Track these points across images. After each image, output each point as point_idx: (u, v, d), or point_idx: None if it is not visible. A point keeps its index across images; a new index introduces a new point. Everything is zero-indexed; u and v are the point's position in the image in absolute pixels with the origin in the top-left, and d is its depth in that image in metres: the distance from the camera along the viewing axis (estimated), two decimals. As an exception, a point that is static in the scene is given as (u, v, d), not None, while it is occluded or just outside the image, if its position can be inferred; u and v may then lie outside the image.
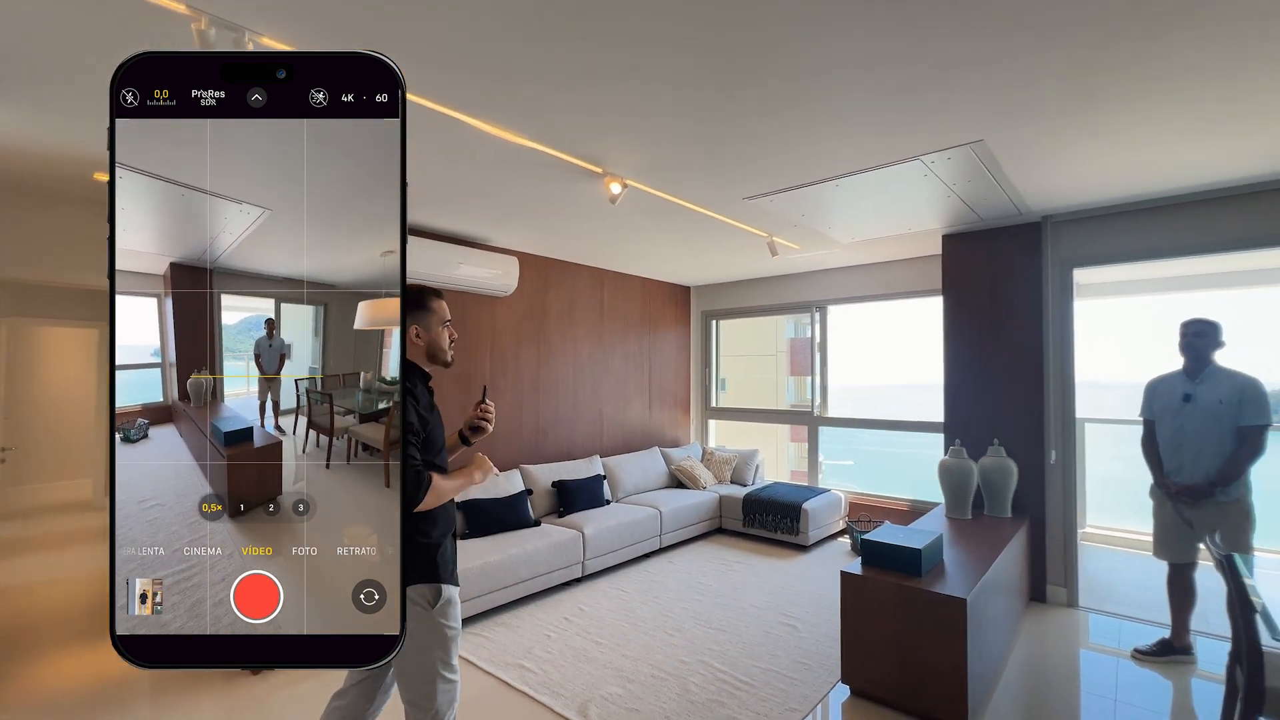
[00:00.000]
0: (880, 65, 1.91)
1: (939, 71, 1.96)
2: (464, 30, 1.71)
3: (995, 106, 2.21)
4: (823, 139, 2.50)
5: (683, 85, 2.03)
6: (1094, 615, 3.51)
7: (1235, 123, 2.37)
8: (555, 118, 2.29)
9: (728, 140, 2.50)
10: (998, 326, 3.87)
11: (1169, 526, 2.89)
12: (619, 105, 2.18)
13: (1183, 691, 2.71)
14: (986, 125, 2.37)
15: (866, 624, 2.56)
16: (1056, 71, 1.96)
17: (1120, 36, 1.76)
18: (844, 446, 11.45)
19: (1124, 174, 2.96)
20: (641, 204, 3.36)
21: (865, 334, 6.84)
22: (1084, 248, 3.63)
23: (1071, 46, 1.81)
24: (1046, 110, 2.24)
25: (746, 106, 2.20)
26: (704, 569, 4.27)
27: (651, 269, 5.48)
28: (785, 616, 3.42)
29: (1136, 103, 2.19)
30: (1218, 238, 3.22)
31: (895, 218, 3.69)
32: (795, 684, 2.67)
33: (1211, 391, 2.74)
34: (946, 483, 3.61)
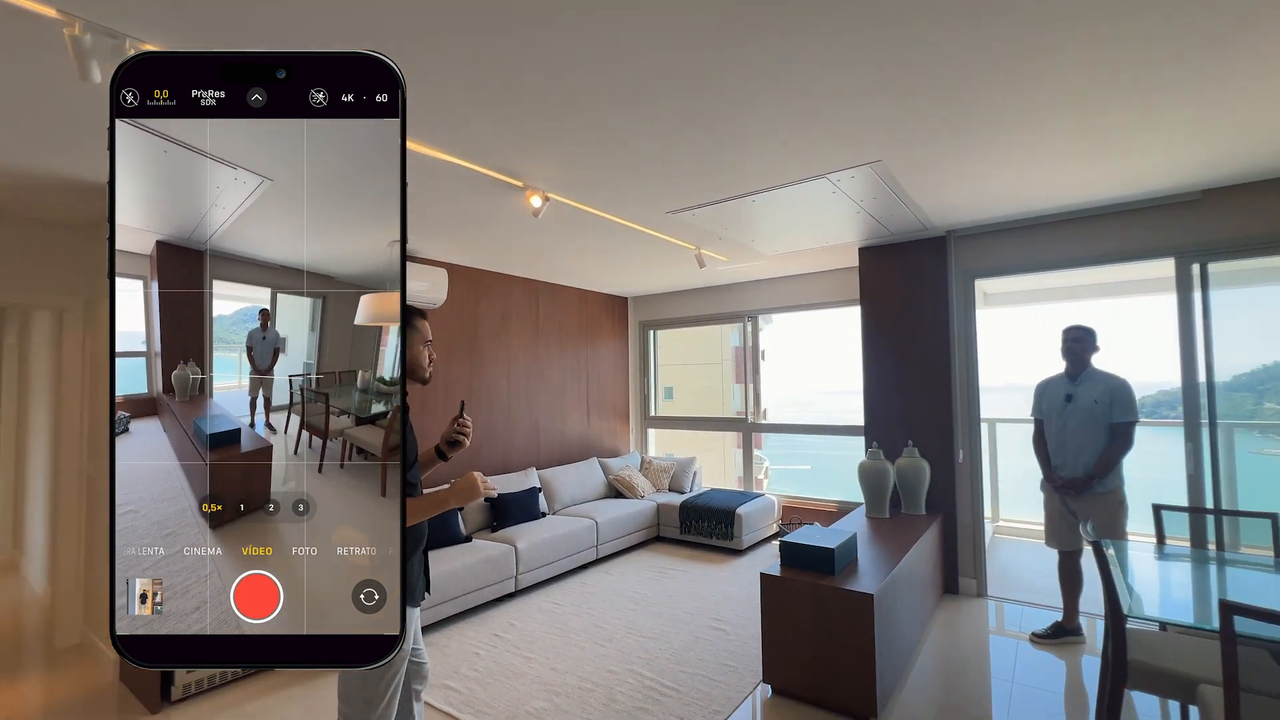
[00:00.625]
0: (783, 87, 2.02)
1: (837, 95, 2.09)
2: (376, 38, 1.70)
3: (888, 130, 2.37)
4: (736, 156, 2.61)
5: (600, 100, 2.08)
6: (1002, 604, 3.74)
7: (1093, 151, 2.63)
8: (475, 132, 2.30)
9: (647, 155, 2.57)
10: (910, 334, 4.10)
11: (1057, 517, 3.13)
12: (538, 119, 2.21)
13: (1074, 669, 2.94)
14: (883, 147, 2.54)
15: (784, 623, 2.65)
16: (937, 100, 2.13)
17: (992, 69, 1.93)
18: (799, 452, 11.77)
19: (1011, 193, 3.22)
20: (567, 217, 3.39)
21: (804, 342, 7.10)
22: (983, 260, 3.91)
23: (948, 77, 1.97)
24: (931, 135, 2.42)
25: (661, 123, 2.27)
26: (640, 578, 4.30)
27: (587, 280, 5.51)
28: (716, 621, 3.49)
29: (1011, 131, 2.40)
30: (1094, 252, 3.54)
31: (814, 231, 3.87)
32: (720, 686, 2.73)
33: (1088, 392, 3.00)
34: (865, 483, 3.79)
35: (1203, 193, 3.21)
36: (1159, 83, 2.04)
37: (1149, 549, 2.67)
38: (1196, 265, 3.26)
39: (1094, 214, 3.51)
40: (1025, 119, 2.29)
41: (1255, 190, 3.09)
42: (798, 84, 2.00)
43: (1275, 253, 3.09)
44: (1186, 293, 3.28)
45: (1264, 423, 5.77)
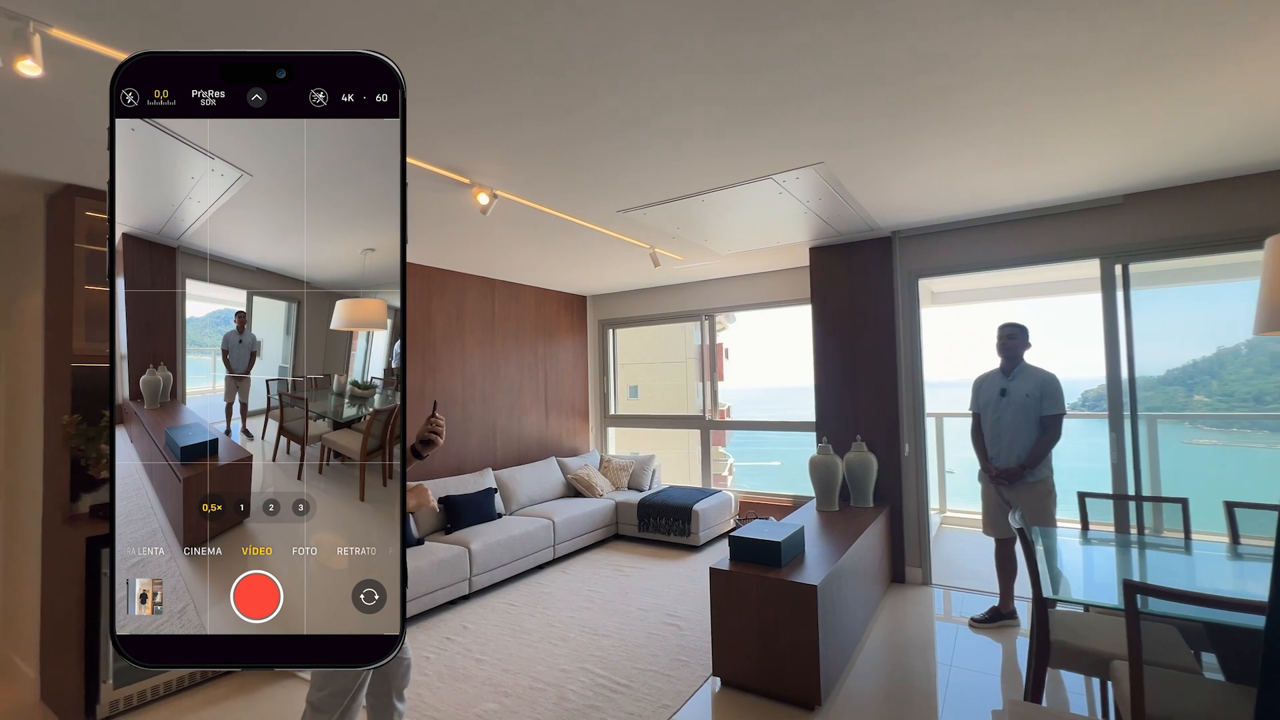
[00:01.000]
0: (724, 88, 2.05)
1: (776, 97, 2.13)
2: (319, 34, 1.65)
3: (829, 132, 2.44)
4: (683, 156, 2.63)
5: (546, 98, 2.07)
6: (946, 591, 3.89)
7: (1021, 157, 2.75)
8: (420, 127, 2.26)
9: (596, 153, 2.57)
10: (858, 332, 4.22)
11: (993, 506, 3.27)
12: (484, 116, 2.19)
13: (1009, 651, 3.07)
14: (824, 149, 2.60)
15: (732, 616, 2.69)
16: (874, 103, 2.20)
17: (929, 70, 2.00)
18: (768, 449, 11.92)
19: (951, 196, 3.34)
20: (518, 215, 3.36)
21: (767, 340, 7.17)
22: (926, 260, 4.04)
23: (884, 79, 2.03)
24: (870, 138, 2.50)
25: (606, 121, 2.27)
26: (596, 576, 4.30)
27: (544, 279, 5.48)
28: (670, 616, 3.52)
29: (944, 137, 2.49)
30: (1027, 252, 3.70)
31: (765, 231, 3.93)
32: (671, 681, 2.76)
33: (1021, 386, 3.15)
34: (816, 477, 3.88)
35: (1124, 197, 3.40)
36: (1083, 89, 2.15)
37: (1076, 534, 2.81)
38: (1119, 266, 3.45)
39: (1027, 216, 3.68)
40: (960, 122, 2.38)
41: (1174, 195, 3.28)
42: (738, 85, 2.03)
43: (1191, 254, 3.30)
44: (1110, 292, 3.47)
45: (1188, 414, 6.13)
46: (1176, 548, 2.57)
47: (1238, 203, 3.12)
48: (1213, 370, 10.17)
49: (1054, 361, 3.20)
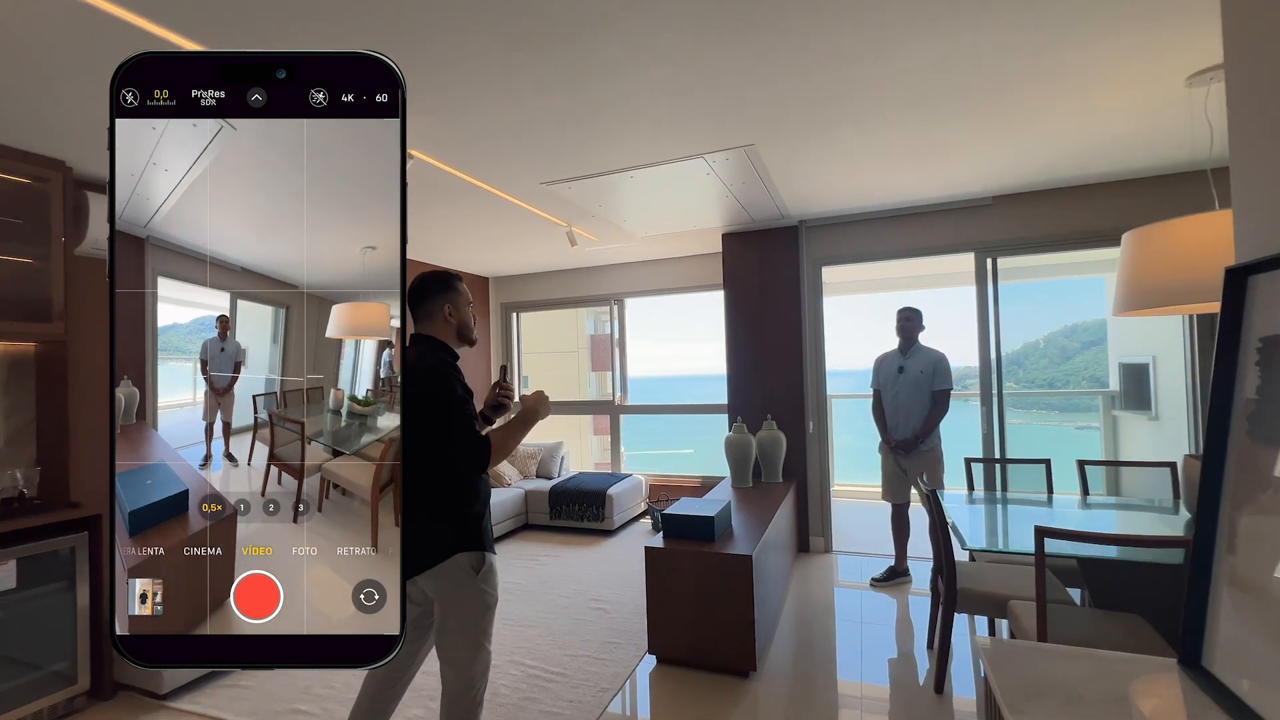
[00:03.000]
0: (656, 67, 2.02)
1: (710, 78, 2.14)
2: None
3: (760, 116, 2.49)
4: (615, 129, 2.56)
5: (481, 56, 1.90)
6: (845, 556, 4.21)
7: (918, 153, 3.01)
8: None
9: (527, 120, 2.42)
10: (768, 315, 4.41)
11: (891, 474, 3.59)
12: (418, 70, 1.97)
13: (903, 605, 3.39)
14: (754, 132, 2.66)
15: (667, 592, 2.70)
16: (804, 95, 2.29)
17: (857, 60, 2.09)
18: (668, 436, 12.12)
19: (855, 188, 3.58)
20: (434, 181, 3.09)
21: (665, 326, 7.28)
22: (829, 249, 4.32)
23: (813, 66, 2.11)
24: (798, 124, 2.59)
25: (544, 85, 2.14)
26: (511, 568, 4.13)
27: (447, 257, 5.12)
28: (594, 601, 3.46)
29: (867, 128, 2.65)
30: (918, 245, 4.08)
31: (683, 214, 3.97)
32: (606, 664, 2.71)
33: (916, 364, 3.47)
34: (731, 455, 4.01)
35: (993, 198, 3.85)
36: (977, 95, 2.39)
37: (959, 497, 3.16)
38: (989, 259, 3.92)
39: (917, 212, 4.05)
40: (877, 116, 2.54)
41: (1036, 198, 3.77)
42: (671, 62, 2.02)
43: (1047, 250, 3.82)
44: (983, 283, 3.92)
45: (1016, 393, 7.17)
46: (1041, 503, 2.97)
47: (1082, 207, 3.67)
48: (1019, 360, 12.15)
49: (931, 344, 3.56)
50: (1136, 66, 2.20)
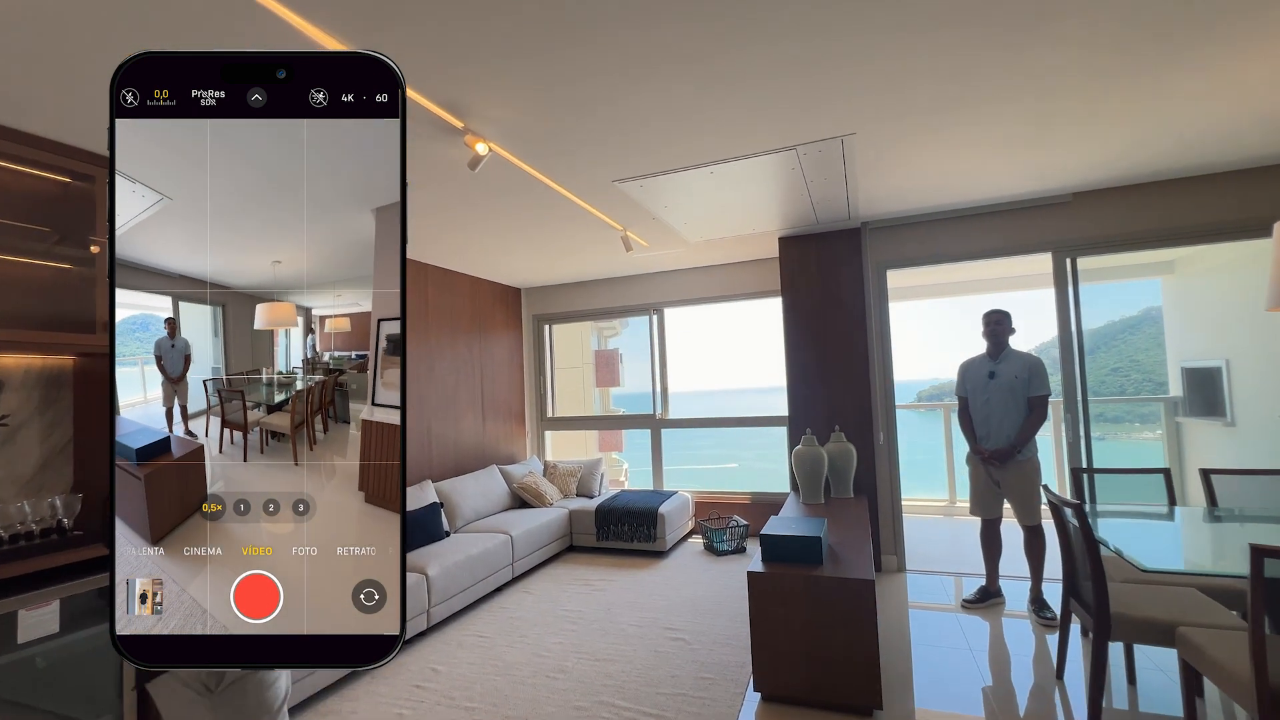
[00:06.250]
0: (788, 37, 1.83)
1: (836, 53, 1.96)
2: None
3: (871, 102, 2.31)
4: (711, 117, 2.38)
5: (561, 29, 1.72)
6: (917, 575, 3.96)
7: (1025, 140, 2.83)
8: (404, 46, 1.77)
9: (610, 110, 2.26)
10: (829, 322, 4.20)
11: (982, 487, 3.36)
12: (488, 47, 1.78)
13: (998, 627, 3.13)
14: (859, 120, 2.48)
15: (775, 622, 2.44)
16: (922, 73, 2.11)
17: (988, 44, 1.92)
18: (693, 452, 11.86)
19: (933, 185, 3.40)
20: (494, 179, 2.88)
21: (699, 340, 6.99)
22: (893, 252, 4.13)
23: (939, 48, 1.93)
24: (909, 109, 2.40)
25: (651, 62, 1.95)
26: (566, 593, 3.86)
27: (479, 266, 4.90)
28: (669, 630, 3.20)
29: (975, 113, 2.47)
30: (989, 246, 3.90)
31: (747, 215, 3.78)
32: (707, 704, 2.45)
33: (1009, 369, 3.26)
34: (801, 470, 3.77)
35: (1073, 195, 3.68)
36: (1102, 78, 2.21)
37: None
38: (1069, 259, 3.73)
39: (987, 211, 3.87)
40: (990, 101, 2.36)
41: (1120, 194, 3.60)
42: (794, 37, 1.84)
43: (1131, 249, 3.64)
44: (1062, 284, 3.73)
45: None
46: (1162, 515, 2.74)
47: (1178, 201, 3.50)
48: (1055, 368, 12.02)
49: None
50: None
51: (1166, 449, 5.28)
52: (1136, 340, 14.77)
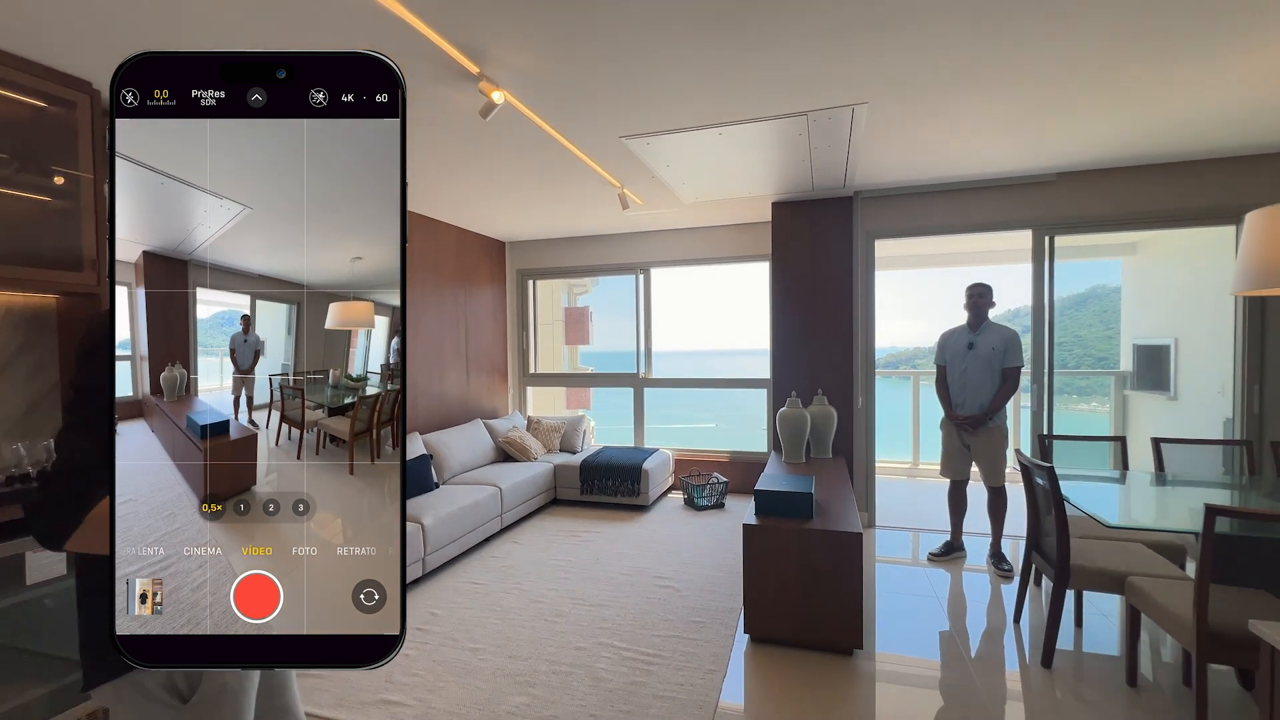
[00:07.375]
0: (796, 13, 1.83)
1: (848, 29, 1.97)
2: None
3: (890, 69, 2.33)
4: (727, 78, 2.36)
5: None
6: (885, 531, 4.23)
7: (1026, 121, 2.91)
8: None
9: (628, 65, 2.23)
10: (818, 288, 4.30)
11: (953, 450, 3.58)
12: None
13: (958, 579, 3.41)
14: (874, 89, 2.50)
15: (767, 571, 2.60)
16: (937, 45, 2.14)
17: (1003, 12, 1.96)
18: (665, 410, 11.98)
19: (928, 158, 3.47)
20: (498, 128, 2.81)
21: (682, 301, 7.00)
22: (883, 221, 4.22)
23: (966, 13, 1.96)
24: (931, 80, 2.44)
25: (702, 20, 1.92)
26: (554, 543, 3.98)
27: (465, 217, 4.78)
28: (659, 579, 3.35)
29: (993, 90, 2.53)
30: (974, 220, 4.03)
31: (745, 178, 3.79)
32: (700, 644, 2.61)
33: (987, 341, 3.43)
34: (785, 430, 3.93)
35: (1057, 175, 3.82)
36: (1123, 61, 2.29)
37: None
38: (1048, 237, 3.90)
39: (974, 187, 3.98)
40: (1000, 83, 2.42)
41: (1102, 175, 3.75)
42: (825, 9, 1.85)
43: (1107, 229, 3.82)
44: (1040, 260, 3.91)
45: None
46: (1115, 479, 2.99)
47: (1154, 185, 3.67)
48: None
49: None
50: None
51: (1113, 419, 5.68)
52: (1082, 317, 15.49)
